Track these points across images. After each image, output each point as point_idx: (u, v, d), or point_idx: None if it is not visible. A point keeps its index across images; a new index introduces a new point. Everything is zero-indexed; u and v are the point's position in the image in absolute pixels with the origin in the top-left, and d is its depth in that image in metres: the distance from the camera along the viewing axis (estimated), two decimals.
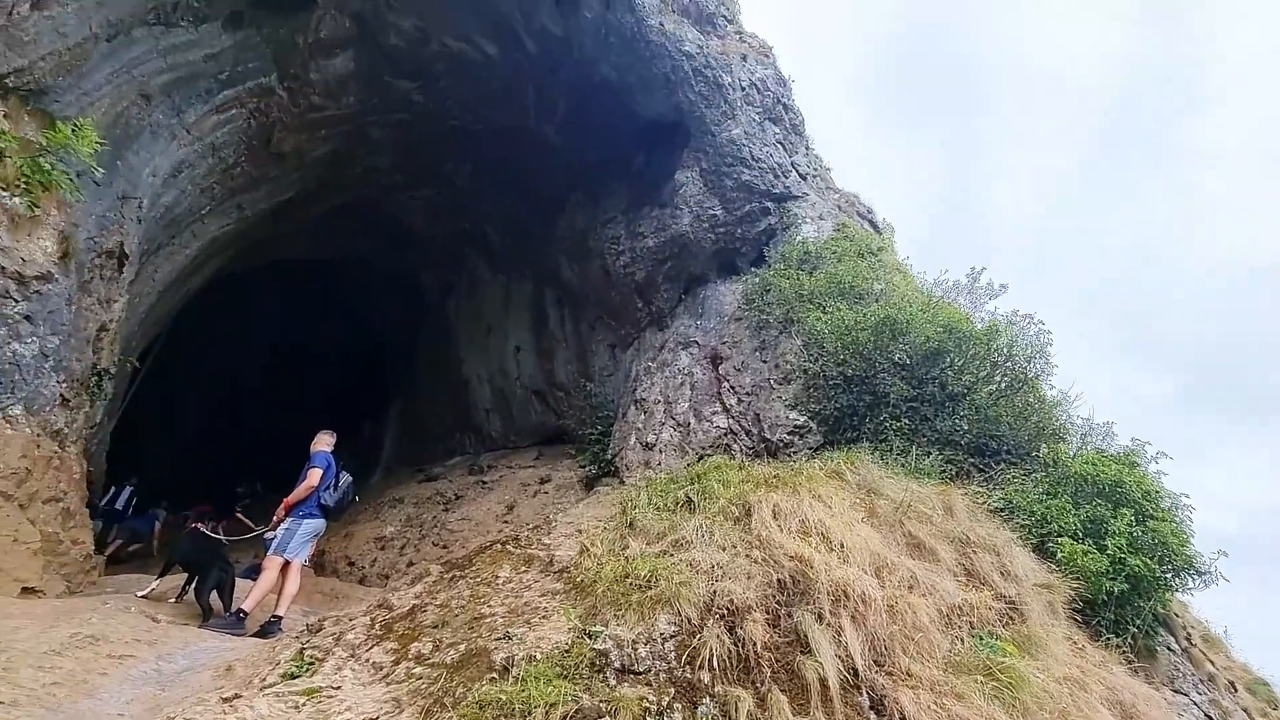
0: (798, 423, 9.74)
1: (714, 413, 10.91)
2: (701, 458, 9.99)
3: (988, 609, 5.47)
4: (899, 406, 8.88)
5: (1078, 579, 6.43)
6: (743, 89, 11.79)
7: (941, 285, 11.77)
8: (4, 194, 6.59)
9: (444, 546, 12.42)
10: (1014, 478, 8.00)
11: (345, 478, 7.44)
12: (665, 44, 10.87)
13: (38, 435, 7.48)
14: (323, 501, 7.14)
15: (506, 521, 12.28)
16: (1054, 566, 6.60)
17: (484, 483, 14.68)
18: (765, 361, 10.83)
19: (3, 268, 6.94)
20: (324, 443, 7.63)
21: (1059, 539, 6.79)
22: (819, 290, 10.60)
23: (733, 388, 10.97)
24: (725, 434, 10.56)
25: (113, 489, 12.74)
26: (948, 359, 9.20)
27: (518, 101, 12.25)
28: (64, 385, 7.92)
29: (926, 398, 8.98)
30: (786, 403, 9.97)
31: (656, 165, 12.93)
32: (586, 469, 12.81)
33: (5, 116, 6.81)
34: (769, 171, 11.96)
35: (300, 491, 7.04)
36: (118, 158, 8.48)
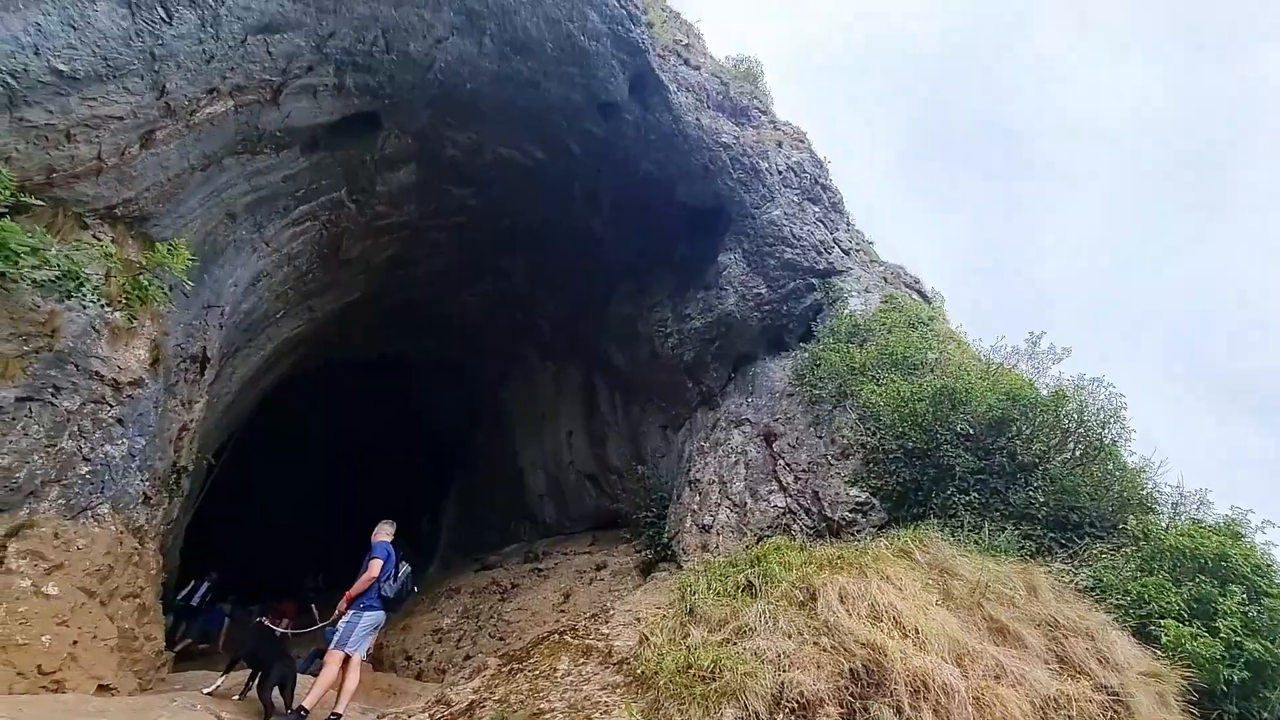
0: (859, 499, 9.40)
1: (771, 491, 10.65)
2: (760, 539, 9.68)
3: (1088, 701, 4.98)
4: (966, 479, 8.50)
5: (1189, 666, 5.80)
6: (780, 173, 12.21)
7: (999, 352, 11.47)
8: (108, 310, 7.26)
9: (501, 638, 12.16)
10: (1101, 553, 7.43)
11: (405, 568, 7.47)
12: (702, 138, 11.45)
13: (121, 533, 7.85)
14: (383, 593, 7.16)
15: (563, 610, 12.00)
16: (1159, 652, 5.99)
17: (540, 570, 14.48)
18: (821, 437, 10.62)
19: (101, 375, 7.54)
20: (384, 533, 7.73)
21: (1161, 621, 6.19)
22: (871, 363, 10.48)
23: (789, 465, 10.74)
24: (784, 513, 10.25)
25: (191, 583, 13.04)
26: (1014, 428, 8.84)
27: (566, 199, 12.97)
28: (147, 484, 8.37)
29: (995, 469, 8.58)
30: (846, 479, 9.67)
31: (700, 249, 13.32)
32: (642, 553, 12.53)
33: (113, 241, 7.62)
34: (811, 249, 12.15)
35: (361, 583, 7.09)
36: (205, 271, 9.28)
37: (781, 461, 10.86)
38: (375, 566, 7.14)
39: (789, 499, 10.37)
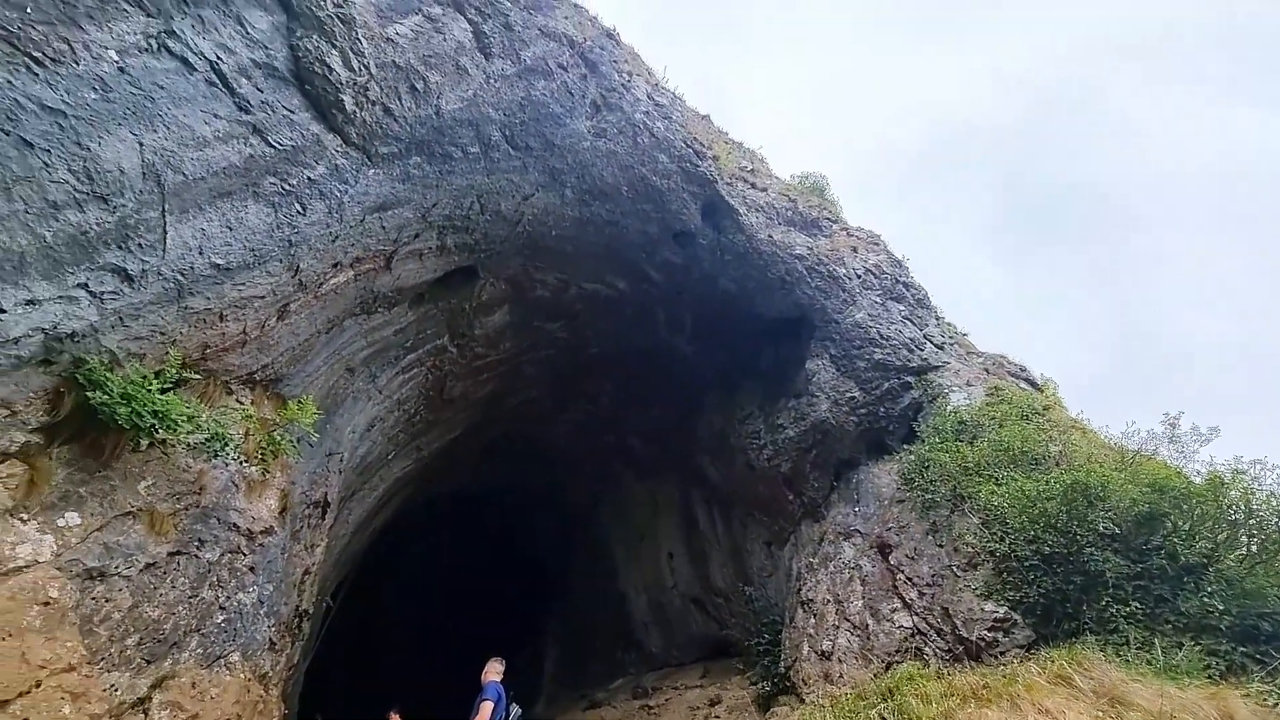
0: (997, 615, 8.43)
1: (894, 610, 9.76)
2: (889, 665, 8.79)
3: None
4: (1122, 586, 7.50)
5: None
6: (859, 276, 12.25)
7: (1132, 438, 10.42)
8: (245, 465, 7.99)
9: None
10: None
11: (515, 710, 7.27)
12: (776, 252, 11.79)
13: (248, 680, 8.12)
14: None
15: None
16: None
17: (650, 708, 13.62)
18: (941, 546, 9.79)
19: (237, 526, 8.15)
20: (494, 671, 7.61)
21: None
22: (986, 460, 9.77)
23: (909, 579, 9.89)
24: (912, 634, 9.31)
25: None
26: (1167, 523, 7.84)
27: (650, 323, 13.47)
28: (273, 629, 8.72)
29: (1154, 572, 7.55)
30: (978, 592, 8.76)
31: (786, 357, 13.29)
32: (758, 685, 11.60)
33: (252, 403, 8.52)
34: (902, 347, 11.86)
35: None
36: (327, 421, 10.11)
37: (901, 575, 10.03)
38: (487, 709, 6.98)
39: (915, 618, 9.45)
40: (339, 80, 6.51)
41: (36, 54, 4.42)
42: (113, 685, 5.82)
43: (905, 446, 11.46)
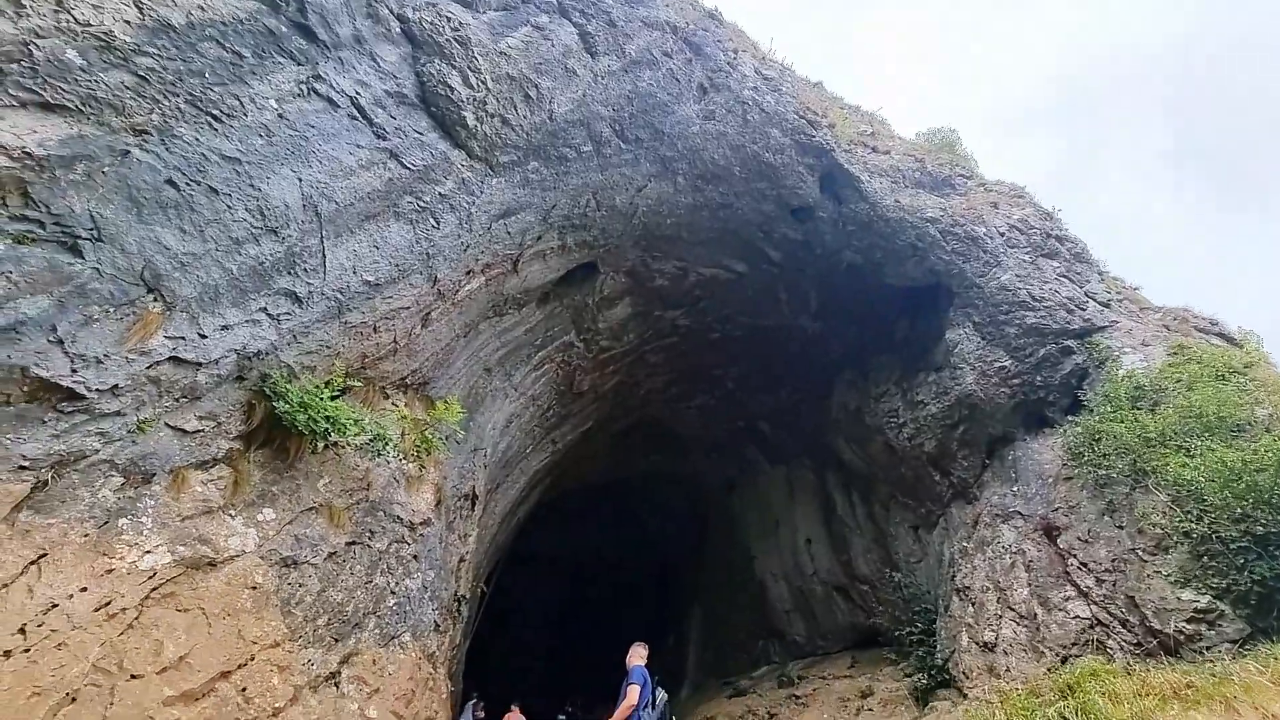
0: (1198, 605, 7.40)
1: (1066, 599, 8.87)
2: (1065, 659, 8.00)
3: None
4: None
5: None
6: (1001, 234, 11.18)
7: None
8: (404, 462, 8.74)
9: None
10: None
11: (661, 695, 7.38)
12: (905, 218, 11.04)
13: (419, 659, 8.90)
14: None
15: None
16: None
17: (796, 697, 13.37)
18: (1121, 527, 8.75)
19: (400, 518, 8.94)
20: (639, 656, 7.76)
21: None
22: (1171, 430, 8.59)
23: (1084, 564, 8.93)
24: (1090, 625, 8.41)
25: (461, 707, 14.11)
26: None
27: (772, 303, 13.14)
28: (437, 612, 9.49)
29: None
30: (1171, 579, 7.74)
31: (923, 329, 12.45)
32: (913, 678, 11.01)
33: (405, 405, 9.30)
34: (1058, 308, 10.70)
35: (621, 710, 7.10)
36: (471, 420, 10.83)
37: (1073, 560, 9.08)
38: (634, 693, 7.14)
39: (1094, 607, 8.52)
40: (460, 98, 6.88)
41: (215, 111, 5.05)
42: (309, 660, 6.60)
43: (1070, 418, 10.34)
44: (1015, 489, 10.69)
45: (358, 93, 6.15)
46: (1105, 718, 4.89)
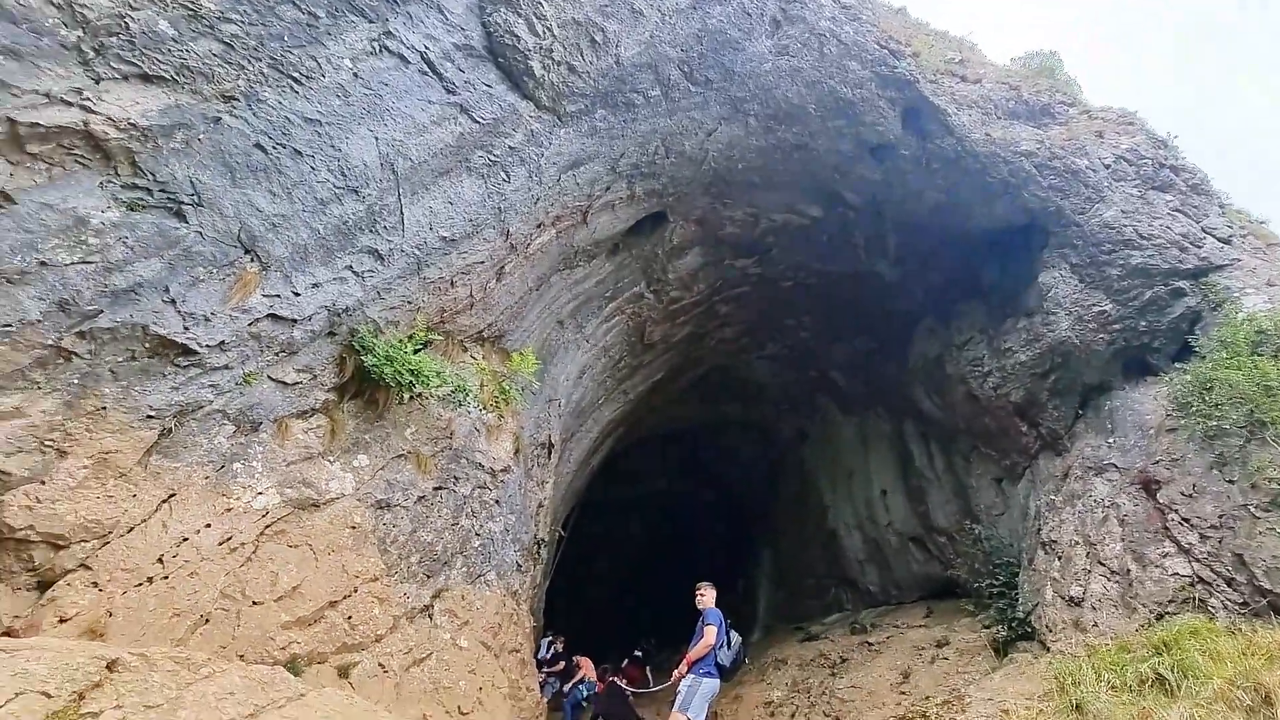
0: None
1: (1164, 555, 8.41)
2: (1160, 617, 7.65)
3: None
4: None
5: None
6: (1106, 166, 10.23)
7: None
8: (483, 412, 9.10)
9: (835, 717, 11.44)
10: None
11: (736, 637, 7.57)
12: (996, 152, 10.26)
13: (504, 596, 9.45)
14: (719, 661, 7.31)
15: (903, 692, 10.85)
16: None
17: (869, 644, 13.43)
18: (1232, 482, 8.15)
19: (482, 465, 9.37)
20: (710, 598, 7.94)
21: None
22: None
23: (1185, 520, 8.41)
24: (1191, 583, 7.97)
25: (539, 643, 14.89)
26: None
27: (848, 248, 12.64)
28: (518, 554, 10.00)
29: None
30: None
31: (1012, 273, 11.71)
32: (992, 630, 10.81)
33: (483, 358, 9.61)
34: (1170, 246, 9.79)
35: (700, 649, 7.33)
36: (545, 371, 11.10)
37: (1174, 515, 8.56)
38: (711, 634, 7.33)
39: (1196, 565, 8.05)
40: (526, 47, 6.80)
41: (295, 74, 5.21)
42: (405, 593, 7.12)
43: (1177, 366, 9.59)
44: (1111, 441, 10.09)
45: (427, 47, 6.17)
46: (1205, 675, 4.66)
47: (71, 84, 4.08)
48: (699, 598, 7.97)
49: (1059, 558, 9.92)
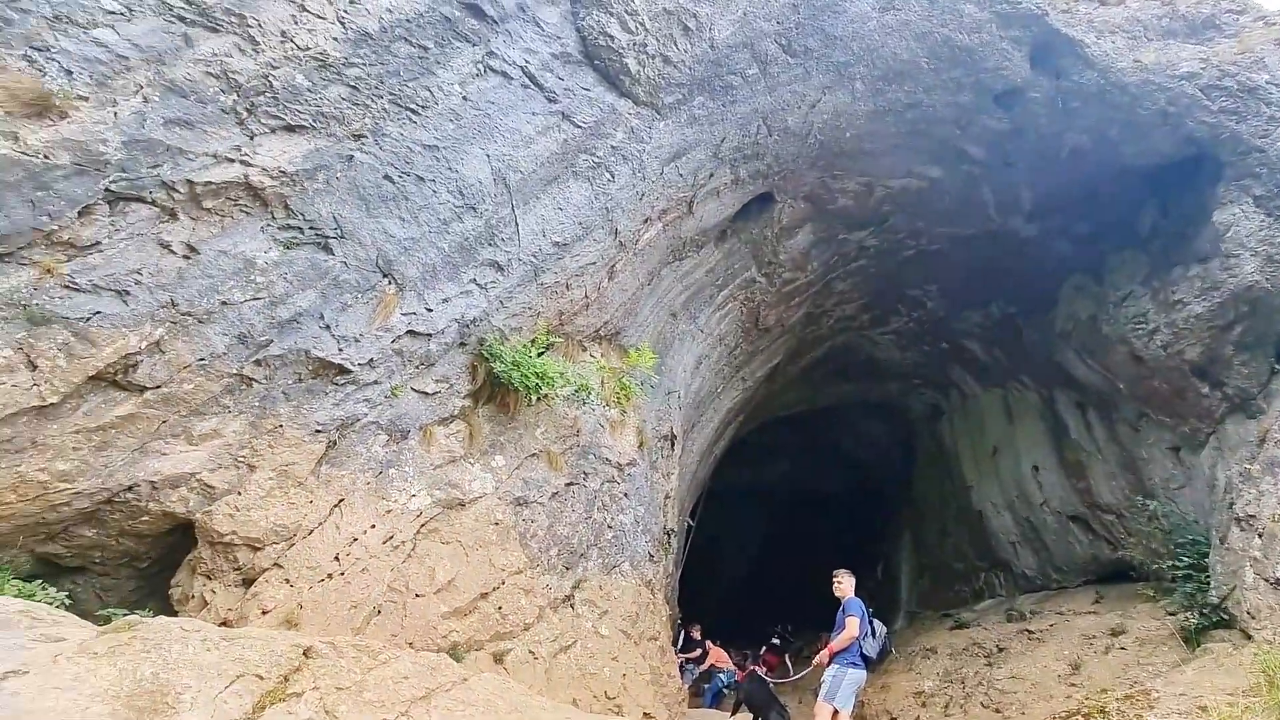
0: None
1: None
2: None
3: None
4: None
5: None
6: None
7: None
8: (606, 408, 9.35)
9: (996, 709, 10.71)
10: None
11: (880, 626, 7.29)
12: (1149, 79, 9.05)
13: (639, 585, 9.69)
14: (864, 651, 7.07)
15: (1073, 684, 9.96)
16: None
17: (1029, 632, 12.43)
18: None
19: (609, 460, 9.64)
20: (849, 587, 7.66)
21: None
22: None
23: None
24: None
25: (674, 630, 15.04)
26: None
27: (975, 209, 11.69)
28: (649, 544, 10.20)
29: None
30: None
31: (1177, 215, 10.32)
32: (1179, 616, 9.65)
33: (602, 355, 9.87)
34: None
35: (842, 640, 7.12)
36: (662, 364, 11.21)
37: None
38: (853, 624, 7.10)
39: None
40: (620, 45, 6.86)
41: (411, 105, 5.59)
42: (547, 584, 7.49)
43: None
44: None
45: (526, 61, 6.40)
46: None
47: (232, 143, 4.63)
48: (837, 585, 7.71)
49: (1260, 534, 8.65)
